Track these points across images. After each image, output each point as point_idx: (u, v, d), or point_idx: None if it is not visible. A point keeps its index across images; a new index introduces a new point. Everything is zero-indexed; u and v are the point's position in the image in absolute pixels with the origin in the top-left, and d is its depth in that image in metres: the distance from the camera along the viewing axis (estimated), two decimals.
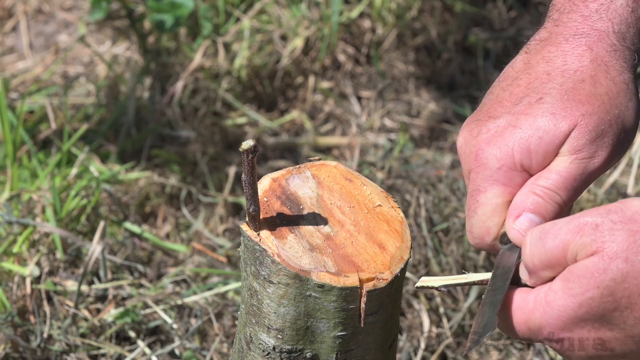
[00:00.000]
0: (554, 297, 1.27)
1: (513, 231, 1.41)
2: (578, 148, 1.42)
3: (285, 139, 3.15)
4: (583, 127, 1.42)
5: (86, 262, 2.44)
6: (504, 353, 2.47)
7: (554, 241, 1.27)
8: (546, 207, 1.41)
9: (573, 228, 1.26)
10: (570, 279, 1.26)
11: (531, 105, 1.44)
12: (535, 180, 1.42)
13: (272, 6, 3.34)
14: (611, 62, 1.46)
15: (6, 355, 2.32)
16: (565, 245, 1.27)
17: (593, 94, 1.43)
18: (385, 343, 1.52)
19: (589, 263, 1.24)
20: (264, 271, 1.43)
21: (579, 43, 1.46)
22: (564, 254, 1.27)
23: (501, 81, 1.52)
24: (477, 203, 1.44)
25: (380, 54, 3.35)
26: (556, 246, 1.27)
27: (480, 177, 1.45)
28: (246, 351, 1.52)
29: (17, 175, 2.69)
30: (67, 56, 3.41)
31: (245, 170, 1.40)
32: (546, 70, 1.46)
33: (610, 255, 1.23)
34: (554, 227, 1.28)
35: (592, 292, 1.24)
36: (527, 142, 1.42)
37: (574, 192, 1.42)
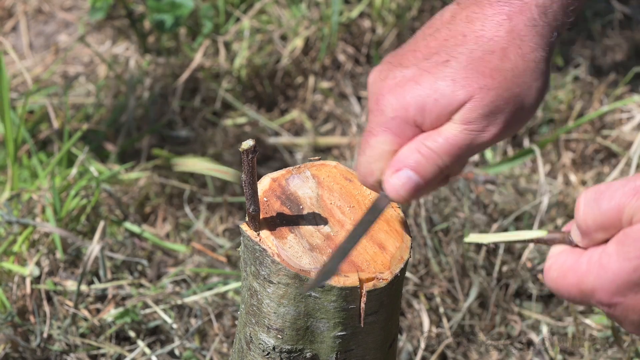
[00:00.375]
0: (609, 260, 1.26)
1: (388, 184, 1.45)
2: (469, 120, 1.44)
3: (285, 139, 3.15)
4: (479, 100, 1.44)
5: (85, 261, 2.44)
6: (504, 353, 2.47)
7: (609, 203, 1.26)
8: (426, 167, 1.44)
9: (629, 191, 1.25)
10: (625, 242, 1.24)
11: (437, 65, 1.46)
12: (423, 139, 1.45)
13: (272, 6, 3.34)
14: (527, 36, 1.46)
15: (6, 355, 2.32)
16: (621, 208, 1.25)
17: (498, 68, 1.44)
18: (385, 343, 1.52)
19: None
20: (263, 271, 1.43)
21: (500, 10, 1.47)
22: (619, 216, 1.25)
23: (426, 27, 1.54)
24: (367, 144, 1.49)
25: (380, 54, 3.35)
26: (611, 208, 1.26)
27: (376, 120, 1.48)
28: (246, 351, 1.52)
29: (18, 175, 2.69)
30: (67, 56, 3.41)
31: (245, 170, 1.40)
32: (463, 31, 1.48)
33: None
34: (609, 189, 1.26)
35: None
36: (423, 101, 1.45)
37: (457, 159, 1.45)
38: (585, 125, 3.04)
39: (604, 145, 3.03)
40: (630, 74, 3.13)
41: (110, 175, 2.80)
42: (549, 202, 2.78)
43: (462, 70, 1.45)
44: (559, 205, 2.81)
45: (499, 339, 2.49)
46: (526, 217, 2.73)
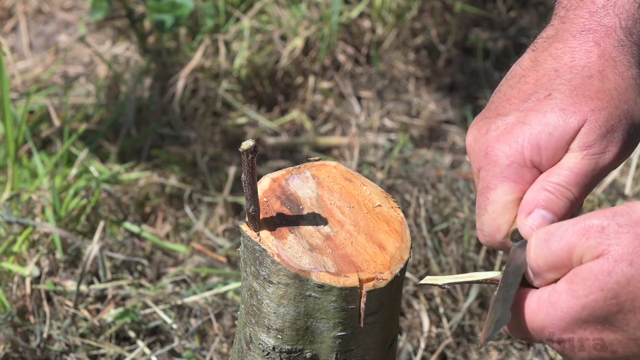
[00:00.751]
0: (558, 299, 1.27)
1: (525, 227, 1.40)
2: (589, 144, 1.41)
3: (285, 139, 3.15)
4: (593, 122, 1.41)
5: (84, 261, 2.44)
6: (504, 353, 2.47)
7: (559, 243, 1.27)
8: (558, 203, 1.40)
9: (579, 230, 1.26)
10: (574, 280, 1.26)
11: (540, 102, 1.44)
12: (546, 176, 1.42)
13: (272, 6, 3.34)
14: (619, 57, 1.45)
15: (6, 355, 2.32)
16: (570, 248, 1.26)
17: (601, 89, 1.43)
18: (385, 343, 1.52)
19: (594, 265, 1.24)
20: (263, 271, 1.43)
21: (586, 39, 1.46)
22: (569, 256, 1.27)
23: (509, 79, 1.51)
24: (487, 201, 1.44)
25: (380, 54, 3.35)
26: (561, 248, 1.27)
27: (490, 174, 1.44)
28: (246, 351, 1.52)
29: (18, 175, 2.69)
30: (67, 56, 3.41)
31: (245, 170, 1.40)
32: (554, 67, 1.46)
33: (615, 258, 1.23)
34: (559, 229, 1.27)
35: (596, 295, 1.24)
36: (537, 139, 1.41)
37: (585, 188, 1.42)
38: None
39: None
40: None
41: (110, 175, 2.80)
42: None
43: (568, 99, 1.42)
44: None
45: (499, 339, 2.49)
46: None
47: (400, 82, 3.35)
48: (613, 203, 2.80)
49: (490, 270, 2.58)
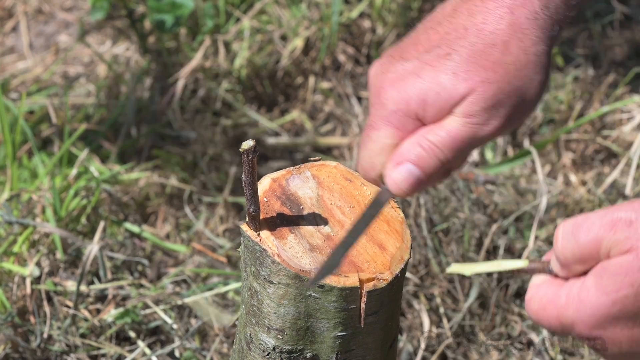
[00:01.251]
0: (587, 295, 1.26)
1: (390, 178, 1.45)
2: (471, 113, 1.44)
3: (285, 139, 3.15)
4: (480, 93, 1.43)
5: (84, 261, 2.44)
6: (504, 353, 2.47)
7: (586, 236, 1.26)
8: (428, 161, 1.44)
9: (607, 223, 1.25)
10: (603, 276, 1.25)
11: (439, 59, 1.46)
12: (425, 133, 1.45)
13: (272, 6, 3.34)
14: (528, 30, 1.45)
15: (6, 355, 2.32)
16: (598, 241, 1.25)
17: (500, 61, 1.44)
18: (386, 343, 1.52)
19: (623, 261, 1.23)
20: (264, 271, 1.43)
21: (502, 4, 1.47)
22: (596, 249, 1.26)
23: (427, 20, 1.53)
24: (368, 138, 1.48)
25: (380, 54, 3.35)
26: (589, 241, 1.26)
27: (377, 114, 1.48)
28: (246, 351, 1.52)
29: (17, 175, 2.69)
30: (67, 56, 3.41)
31: (245, 170, 1.40)
32: (465, 25, 1.47)
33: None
34: (586, 222, 1.27)
35: (626, 291, 1.23)
36: (425, 94, 1.45)
37: (458, 152, 1.45)
38: (586, 125, 3.04)
39: (604, 146, 3.03)
40: (630, 74, 3.13)
41: (110, 175, 2.80)
42: (549, 203, 2.78)
43: (463, 64, 1.44)
44: (558, 206, 2.81)
45: (499, 339, 2.49)
46: (526, 217, 2.73)
47: None
48: (613, 203, 2.80)
49: None
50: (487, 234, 2.61)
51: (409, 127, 1.47)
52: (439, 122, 1.45)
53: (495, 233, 2.60)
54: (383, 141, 1.47)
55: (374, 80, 1.51)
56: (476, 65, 1.44)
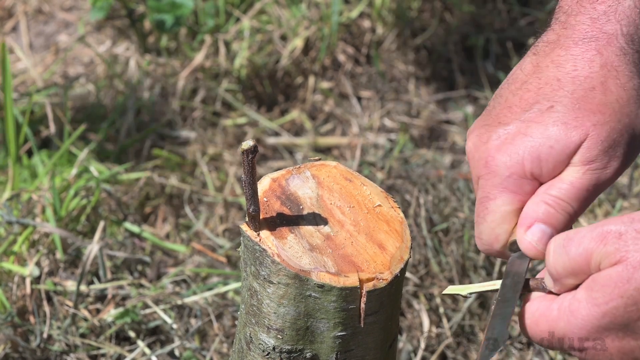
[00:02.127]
0: (578, 307, 1.27)
1: (524, 242, 1.40)
2: (590, 159, 1.40)
3: (285, 139, 3.15)
4: (595, 137, 1.40)
5: (84, 261, 2.44)
6: (504, 353, 2.47)
7: (577, 249, 1.27)
8: (557, 217, 1.39)
9: (596, 236, 1.25)
10: (594, 288, 1.25)
11: (542, 113, 1.43)
12: (546, 189, 1.41)
13: (272, 6, 3.34)
14: (621, 67, 1.44)
15: (6, 355, 2.32)
16: (588, 254, 1.26)
17: (604, 102, 1.42)
18: (385, 343, 1.52)
19: (613, 272, 1.24)
20: (263, 271, 1.43)
21: (588, 47, 1.45)
22: (587, 262, 1.26)
23: (510, 84, 1.49)
24: (486, 210, 1.43)
25: (380, 54, 3.35)
26: (579, 254, 1.27)
27: (490, 184, 1.43)
28: (246, 351, 1.52)
29: (18, 175, 2.69)
30: (67, 56, 3.41)
31: (245, 170, 1.40)
32: (556, 76, 1.45)
33: (634, 265, 1.22)
34: (577, 235, 1.27)
35: (616, 302, 1.24)
36: (538, 151, 1.41)
37: (585, 202, 1.41)
38: None
39: None
40: None
41: (110, 175, 2.80)
42: None
43: (570, 112, 1.41)
44: None
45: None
46: None
47: (400, 82, 3.35)
48: (613, 203, 2.80)
49: (491, 269, 2.59)
50: None
51: (526, 190, 1.42)
52: (559, 177, 1.41)
53: None
54: (503, 209, 1.42)
55: (476, 152, 1.46)
56: (583, 111, 1.41)
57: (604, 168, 1.41)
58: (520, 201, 1.42)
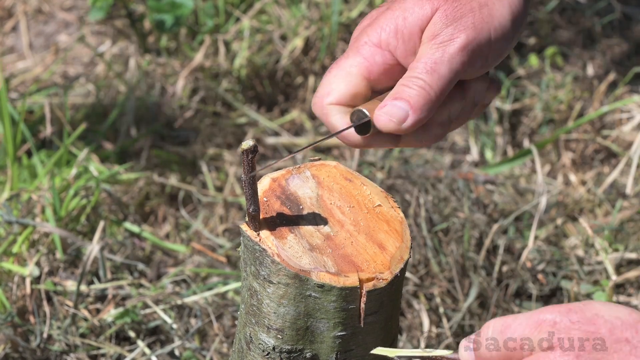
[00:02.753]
0: None
1: (381, 117, 1.47)
2: (435, 32, 1.48)
3: (285, 139, 3.15)
4: (442, 11, 1.48)
5: (84, 261, 2.44)
6: None
7: (512, 334, 1.30)
8: (410, 92, 1.47)
9: (532, 323, 1.28)
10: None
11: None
12: (406, 74, 1.49)
13: (272, 6, 3.34)
14: None
15: (6, 355, 2.32)
16: (524, 339, 1.29)
17: None
18: (385, 343, 1.52)
19: (542, 357, 1.27)
20: (263, 271, 1.43)
21: None
22: (521, 347, 1.29)
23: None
24: (335, 64, 1.52)
25: None
26: (514, 339, 1.30)
27: (350, 48, 1.53)
28: (246, 351, 1.52)
29: (17, 175, 2.69)
30: (67, 56, 3.41)
31: (245, 170, 1.40)
32: None
33: (564, 351, 1.26)
34: (515, 322, 1.30)
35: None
36: (395, 22, 1.50)
37: (438, 77, 1.47)
38: (585, 125, 3.04)
39: (604, 145, 3.03)
40: (630, 74, 3.13)
41: (110, 175, 2.80)
42: (549, 203, 2.78)
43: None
44: (558, 206, 2.81)
45: None
46: (526, 217, 2.73)
47: None
48: (613, 203, 2.80)
49: (491, 269, 2.59)
50: (487, 234, 2.61)
51: (377, 59, 1.51)
52: (415, 60, 1.48)
53: (495, 233, 2.60)
54: (348, 69, 1.51)
55: (353, 34, 1.56)
56: None
57: (449, 40, 1.47)
58: (367, 68, 1.51)
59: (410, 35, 1.49)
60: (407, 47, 1.50)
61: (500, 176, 2.88)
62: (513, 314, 1.35)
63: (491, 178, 2.84)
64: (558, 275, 2.59)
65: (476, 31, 1.48)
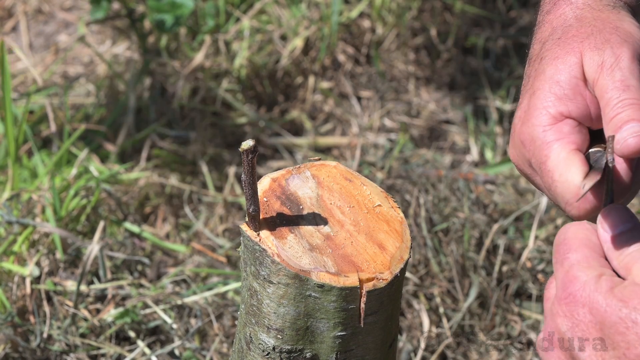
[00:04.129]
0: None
1: (628, 140, 1.35)
2: (598, 64, 1.41)
3: (285, 139, 3.15)
4: (589, 47, 1.42)
5: (84, 261, 2.44)
6: (504, 353, 2.47)
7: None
8: (626, 112, 1.36)
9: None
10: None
11: (537, 70, 1.46)
12: (605, 117, 1.39)
13: (272, 6, 3.34)
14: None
15: (6, 355, 2.32)
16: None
17: (582, 26, 1.45)
18: (385, 343, 1.52)
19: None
20: (263, 271, 1.43)
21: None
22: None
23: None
24: (549, 173, 1.40)
25: (380, 54, 3.35)
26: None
27: (537, 152, 1.42)
28: (246, 351, 1.52)
29: (18, 175, 2.69)
30: (67, 56, 3.41)
31: (245, 170, 1.40)
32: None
33: None
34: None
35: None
36: (551, 93, 1.42)
37: (634, 89, 1.38)
38: None
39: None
40: None
41: (110, 175, 2.80)
42: (549, 203, 2.78)
43: (557, 49, 1.45)
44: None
45: (499, 339, 2.49)
46: (526, 217, 2.73)
47: (400, 82, 3.35)
48: None
49: (491, 269, 2.59)
50: (487, 234, 2.61)
51: (565, 130, 1.41)
52: (600, 103, 1.40)
53: (495, 233, 2.60)
54: (561, 158, 1.39)
55: (513, 148, 1.47)
56: (567, 39, 1.45)
57: (616, 59, 1.40)
58: (570, 142, 1.40)
59: (574, 91, 1.42)
60: (578, 100, 1.42)
61: (500, 176, 2.88)
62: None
63: (491, 178, 2.84)
64: None
65: (629, 43, 1.43)
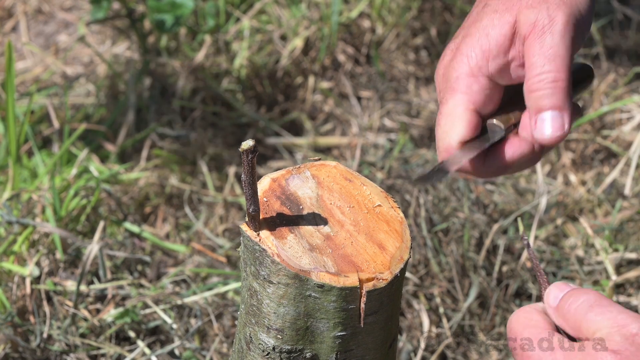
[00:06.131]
0: None
1: (544, 133, 1.39)
2: (531, 23, 1.42)
3: (285, 139, 3.15)
4: (525, 3, 1.43)
5: (84, 261, 2.44)
6: (503, 353, 2.47)
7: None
8: (549, 99, 1.39)
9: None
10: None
11: (478, 14, 1.47)
12: (526, 84, 1.41)
13: (272, 6, 3.34)
14: None
15: (6, 355, 2.32)
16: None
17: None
18: (385, 343, 1.52)
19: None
20: (263, 271, 1.43)
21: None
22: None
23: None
24: (440, 115, 1.46)
25: (380, 54, 3.35)
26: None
27: (443, 90, 1.47)
28: (246, 351, 1.52)
29: (18, 174, 2.69)
30: (67, 56, 3.41)
31: (245, 170, 1.40)
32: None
33: None
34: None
35: None
36: (478, 44, 1.45)
37: (561, 60, 1.40)
38: (585, 125, 3.04)
39: (604, 145, 3.03)
40: (630, 74, 3.13)
41: (110, 175, 2.80)
42: (549, 203, 2.78)
43: (499, 3, 1.45)
44: (558, 206, 2.81)
45: (499, 339, 2.49)
46: (526, 217, 2.73)
47: (400, 82, 3.35)
48: (613, 203, 2.80)
49: (491, 269, 2.59)
50: (487, 234, 2.61)
51: (475, 88, 1.45)
52: (526, 68, 1.41)
53: (495, 233, 2.60)
54: (454, 111, 1.45)
55: (436, 75, 1.50)
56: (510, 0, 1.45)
57: (550, 22, 1.41)
58: (470, 101, 1.45)
59: (499, 49, 1.44)
60: (499, 61, 1.44)
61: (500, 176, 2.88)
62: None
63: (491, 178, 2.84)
64: (558, 275, 2.59)
65: (567, 6, 1.43)
